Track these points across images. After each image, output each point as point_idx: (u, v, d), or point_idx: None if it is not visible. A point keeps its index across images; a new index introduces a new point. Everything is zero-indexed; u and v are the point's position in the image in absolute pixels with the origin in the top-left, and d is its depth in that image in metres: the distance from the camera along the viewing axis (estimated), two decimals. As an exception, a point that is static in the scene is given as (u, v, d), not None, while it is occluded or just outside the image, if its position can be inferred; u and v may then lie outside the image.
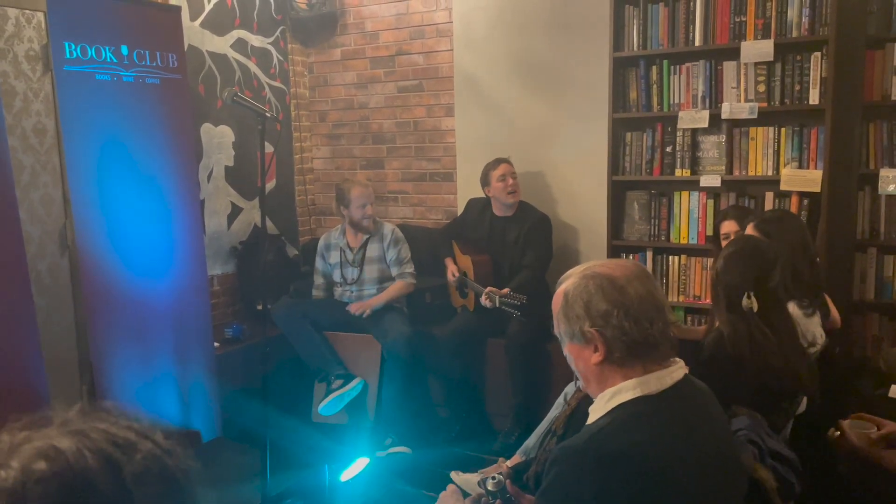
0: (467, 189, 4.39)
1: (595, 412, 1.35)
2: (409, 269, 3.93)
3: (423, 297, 4.19)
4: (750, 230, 2.61)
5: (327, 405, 3.71)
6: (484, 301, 3.58)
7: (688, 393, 1.36)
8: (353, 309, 3.78)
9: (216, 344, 3.70)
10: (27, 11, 3.15)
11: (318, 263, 4.06)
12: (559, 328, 1.41)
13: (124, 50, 3.04)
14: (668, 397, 1.31)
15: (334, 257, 3.98)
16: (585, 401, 1.92)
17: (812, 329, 2.46)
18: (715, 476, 1.32)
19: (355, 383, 3.76)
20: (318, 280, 4.07)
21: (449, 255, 4.04)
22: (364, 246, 3.91)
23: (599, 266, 1.39)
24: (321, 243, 4.06)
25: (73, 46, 2.88)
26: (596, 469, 1.22)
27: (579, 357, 1.39)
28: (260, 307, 4.20)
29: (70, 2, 2.89)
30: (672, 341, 1.35)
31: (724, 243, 2.90)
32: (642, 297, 1.32)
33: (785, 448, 1.78)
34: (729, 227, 3.09)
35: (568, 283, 1.39)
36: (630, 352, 1.32)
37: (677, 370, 1.35)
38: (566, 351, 1.42)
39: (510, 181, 3.85)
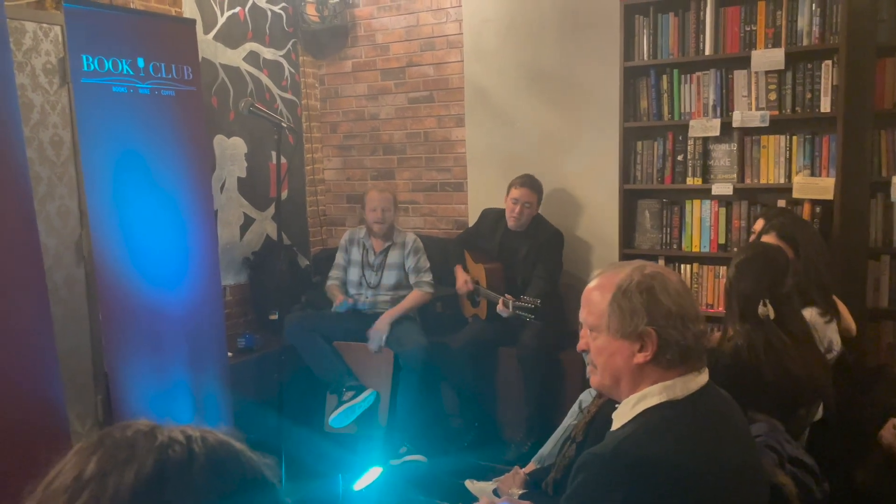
0: (478, 199, 4.41)
1: (620, 417, 1.34)
2: (427, 278, 3.92)
3: (433, 306, 4.20)
4: (772, 239, 2.59)
5: (338, 417, 3.71)
6: (500, 308, 3.58)
7: (711, 398, 1.36)
8: (372, 345, 3.79)
9: (229, 354, 3.71)
10: (45, 25, 3.20)
11: (339, 258, 4.03)
12: (601, 320, 1.34)
13: (140, 62, 3.07)
14: (693, 402, 1.31)
15: (356, 253, 3.97)
16: (605, 407, 1.93)
17: (830, 335, 2.46)
18: (739, 482, 1.32)
19: (367, 395, 3.76)
20: (337, 273, 4.02)
21: (460, 263, 4.04)
22: (386, 252, 3.93)
23: (653, 266, 1.36)
24: (345, 237, 4.05)
25: (91, 59, 2.91)
26: (625, 476, 1.22)
27: (618, 353, 1.33)
28: (273, 317, 4.22)
29: (87, 15, 2.92)
30: (705, 349, 1.38)
31: None
32: (691, 304, 1.34)
33: (804, 454, 1.77)
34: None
35: (623, 275, 1.33)
36: (682, 356, 1.30)
37: (701, 375, 1.35)
38: (600, 344, 1.35)
39: (517, 208, 3.81)
